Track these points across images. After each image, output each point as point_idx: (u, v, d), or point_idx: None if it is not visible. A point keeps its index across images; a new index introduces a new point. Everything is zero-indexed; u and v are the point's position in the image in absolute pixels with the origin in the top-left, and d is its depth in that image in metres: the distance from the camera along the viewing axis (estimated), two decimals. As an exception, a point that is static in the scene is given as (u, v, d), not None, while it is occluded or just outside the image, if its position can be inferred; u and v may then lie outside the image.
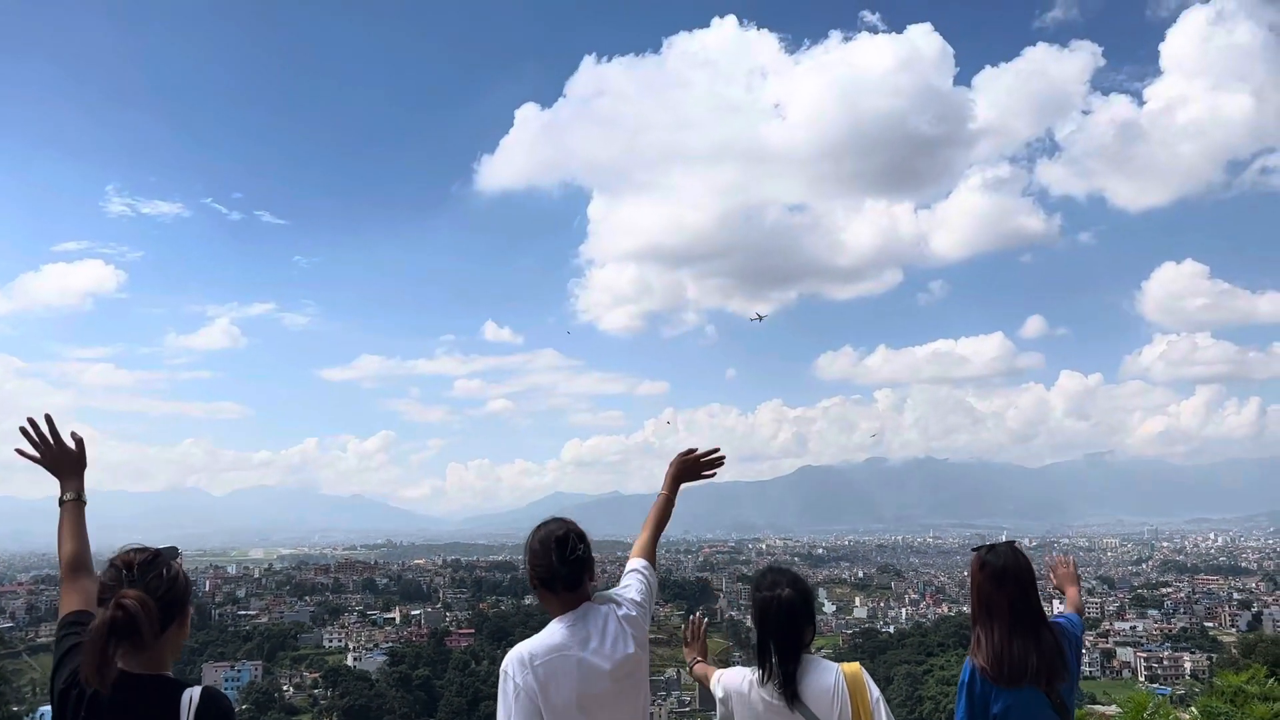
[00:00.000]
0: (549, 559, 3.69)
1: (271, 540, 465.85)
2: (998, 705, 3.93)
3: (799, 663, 3.80)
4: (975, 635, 4.13)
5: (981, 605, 4.14)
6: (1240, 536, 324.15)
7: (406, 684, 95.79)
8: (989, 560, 4.19)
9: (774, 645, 3.85)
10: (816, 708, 3.76)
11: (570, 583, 3.70)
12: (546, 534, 3.75)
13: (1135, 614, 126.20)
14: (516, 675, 3.52)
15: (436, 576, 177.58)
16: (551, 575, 3.68)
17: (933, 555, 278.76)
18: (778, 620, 3.86)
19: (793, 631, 3.84)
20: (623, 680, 3.64)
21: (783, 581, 3.96)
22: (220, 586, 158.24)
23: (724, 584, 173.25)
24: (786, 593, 3.90)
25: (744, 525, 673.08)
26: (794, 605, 3.87)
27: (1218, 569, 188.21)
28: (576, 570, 3.71)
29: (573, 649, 3.58)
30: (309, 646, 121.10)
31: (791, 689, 3.76)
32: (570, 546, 3.70)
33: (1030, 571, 4.21)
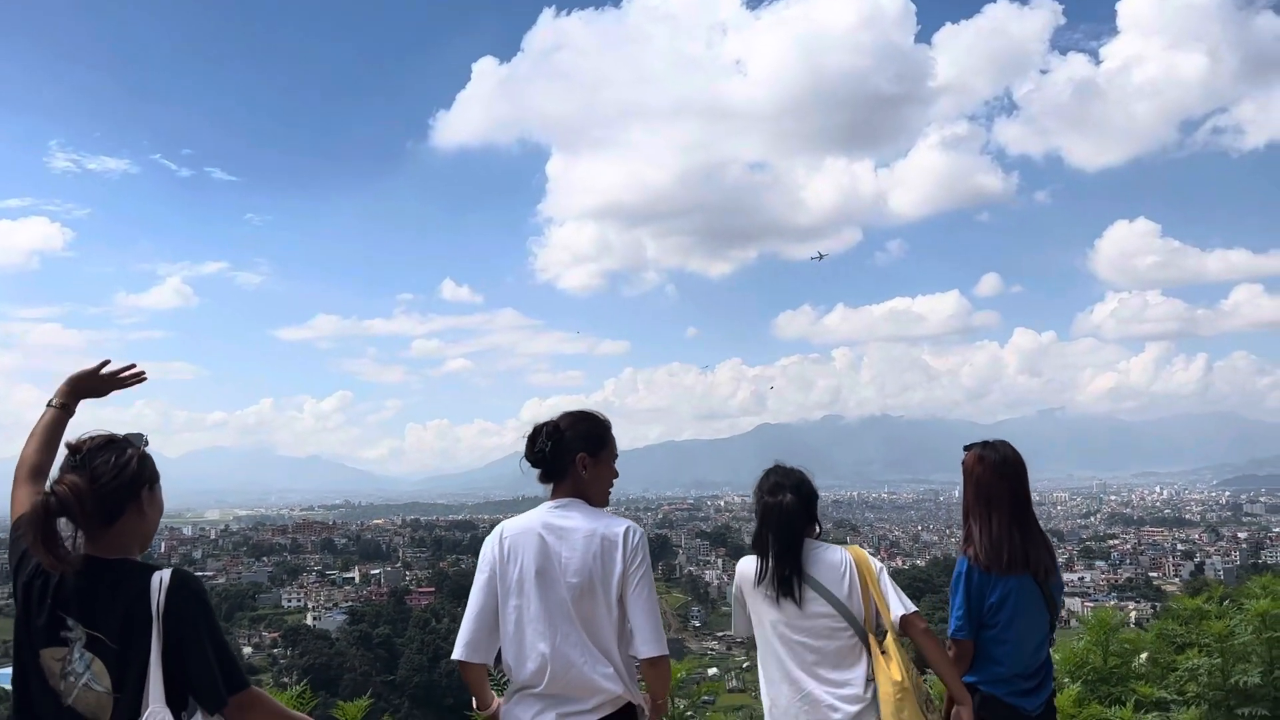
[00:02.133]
0: (529, 450, 3.77)
1: (227, 501, 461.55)
2: (995, 593, 4.04)
3: (796, 568, 3.89)
4: (968, 530, 4.25)
5: (980, 497, 4.24)
6: (1185, 489, 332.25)
7: (367, 642, 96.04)
8: (988, 454, 4.34)
9: (771, 546, 3.95)
10: (831, 586, 3.87)
11: (545, 474, 3.76)
12: (534, 429, 3.81)
13: (1083, 565, 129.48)
14: (486, 547, 3.61)
15: (396, 536, 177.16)
16: (534, 462, 3.79)
17: (887, 510, 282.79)
18: (778, 526, 3.95)
19: (793, 538, 3.93)
20: (584, 590, 3.54)
21: (786, 486, 4.03)
22: (176, 548, 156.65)
23: (683, 540, 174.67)
24: (788, 499, 3.97)
25: (703, 483, 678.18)
26: (795, 513, 3.96)
27: (1163, 521, 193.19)
28: (545, 464, 3.74)
29: (536, 528, 3.57)
30: (267, 606, 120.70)
31: (789, 588, 3.88)
32: (537, 443, 3.76)
33: (1024, 465, 4.38)
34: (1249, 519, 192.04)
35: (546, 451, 3.69)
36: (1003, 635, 4.09)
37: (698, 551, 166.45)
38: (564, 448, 3.71)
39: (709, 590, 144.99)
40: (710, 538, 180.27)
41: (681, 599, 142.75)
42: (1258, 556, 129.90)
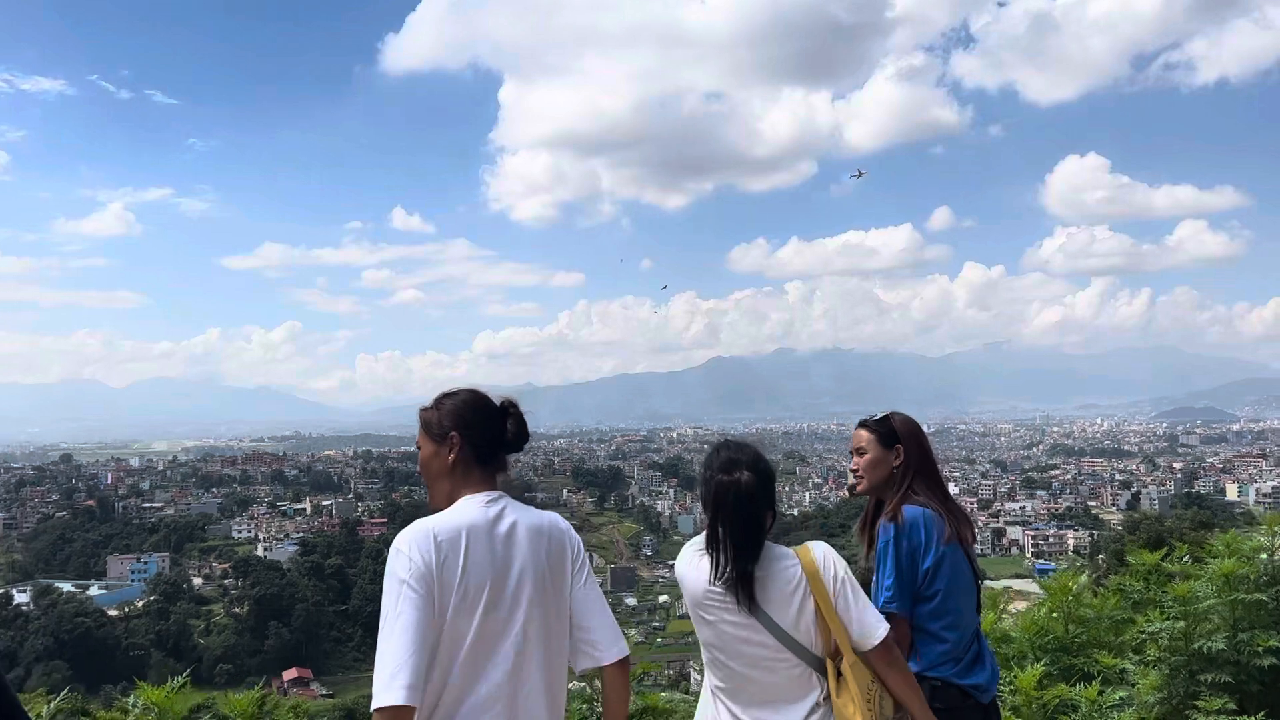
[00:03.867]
0: (501, 426, 3.09)
1: (175, 433, 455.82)
2: (928, 558, 3.71)
3: (758, 561, 3.20)
4: (900, 494, 3.89)
5: (924, 462, 3.97)
6: (1125, 421, 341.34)
7: (319, 573, 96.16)
8: (912, 420, 4.09)
9: (729, 537, 3.20)
10: (776, 612, 3.17)
11: (503, 461, 3.10)
12: (500, 402, 3.15)
13: (1025, 495, 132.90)
14: (412, 552, 2.75)
15: (347, 468, 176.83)
16: (494, 445, 3.05)
17: (836, 441, 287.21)
18: (735, 510, 3.22)
19: (753, 524, 3.22)
20: (543, 601, 2.92)
21: (742, 462, 3.32)
22: (123, 479, 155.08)
23: (635, 471, 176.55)
24: (746, 477, 3.26)
25: (656, 415, 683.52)
26: (754, 492, 3.24)
27: (1102, 452, 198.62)
28: (519, 442, 3.11)
29: (483, 526, 2.87)
30: (217, 538, 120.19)
31: (748, 590, 3.16)
32: (521, 422, 3.13)
33: None
34: (1184, 450, 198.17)
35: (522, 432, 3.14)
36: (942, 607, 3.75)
37: (650, 482, 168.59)
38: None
39: (661, 520, 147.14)
40: (662, 469, 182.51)
41: (634, 528, 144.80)
42: (1191, 486, 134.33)
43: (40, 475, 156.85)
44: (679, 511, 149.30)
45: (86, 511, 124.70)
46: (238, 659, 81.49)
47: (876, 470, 4.01)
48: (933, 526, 3.72)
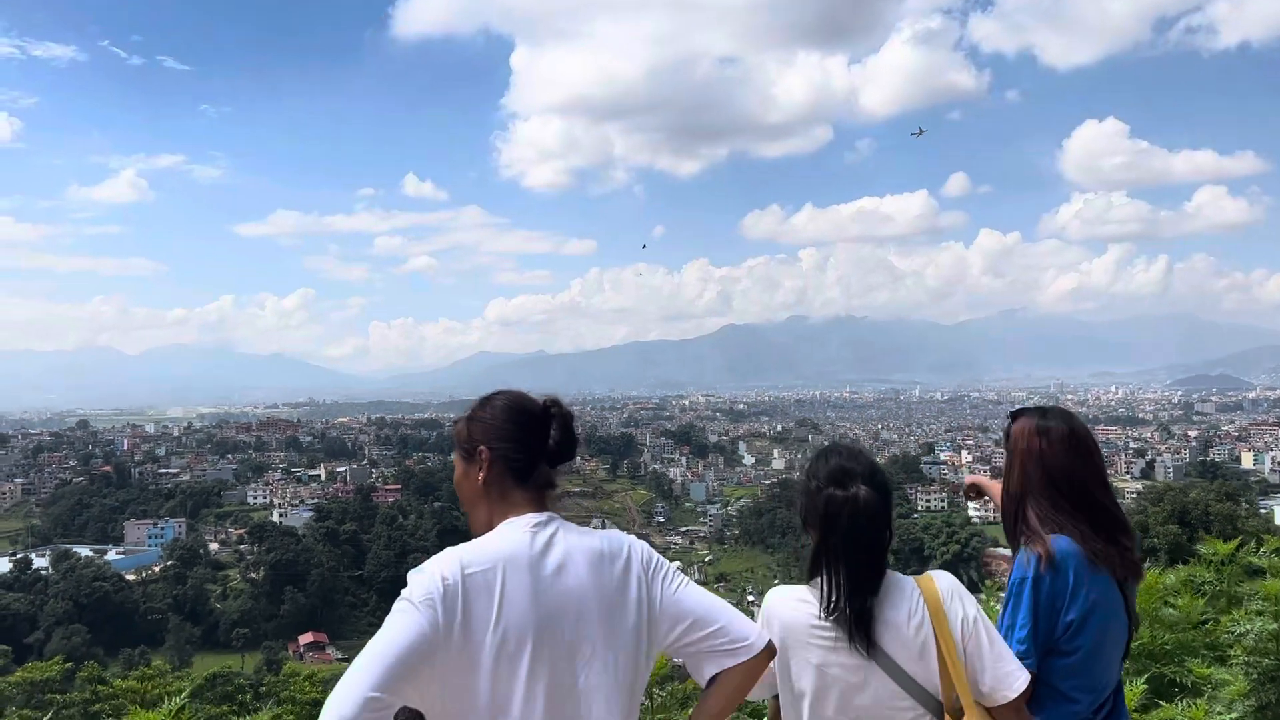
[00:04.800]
0: (543, 436, 2.51)
1: (190, 399, 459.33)
2: (1075, 608, 2.92)
3: (878, 593, 2.65)
4: (1027, 518, 3.08)
5: (1047, 479, 3.08)
6: (1139, 389, 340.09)
7: (334, 538, 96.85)
8: (1054, 424, 3.19)
9: (844, 565, 2.64)
10: (898, 653, 2.63)
11: (551, 478, 2.53)
12: (542, 404, 2.56)
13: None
14: (431, 583, 2.23)
15: (361, 434, 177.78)
16: (532, 459, 2.49)
17: (849, 409, 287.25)
18: (852, 532, 2.65)
19: (875, 549, 2.67)
20: (615, 644, 2.36)
21: (857, 474, 2.72)
22: (139, 445, 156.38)
23: (648, 439, 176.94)
24: (864, 492, 2.67)
25: (668, 383, 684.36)
26: (874, 511, 2.67)
27: (1116, 420, 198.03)
28: (566, 452, 2.54)
29: (524, 558, 2.34)
30: (233, 504, 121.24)
31: (867, 628, 2.61)
32: (567, 430, 2.54)
33: (1095, 439, 3.28)
34: (1199, 418, 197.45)
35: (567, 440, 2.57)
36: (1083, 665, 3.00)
37: (662, 449, 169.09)
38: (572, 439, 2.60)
39: (673, 487, 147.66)
40: (675, 436, 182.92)
41: (646, 496, 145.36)
42: (1207, 454, 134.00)
43: (58, 441, 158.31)
44: (691, 479, 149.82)
45: (104, 477, 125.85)
46: (254, 623, 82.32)
47: (1004, 479, 3.26)
48: (1084, 569, 2.95)
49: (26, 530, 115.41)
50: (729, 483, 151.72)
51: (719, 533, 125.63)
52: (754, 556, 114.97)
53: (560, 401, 2.58)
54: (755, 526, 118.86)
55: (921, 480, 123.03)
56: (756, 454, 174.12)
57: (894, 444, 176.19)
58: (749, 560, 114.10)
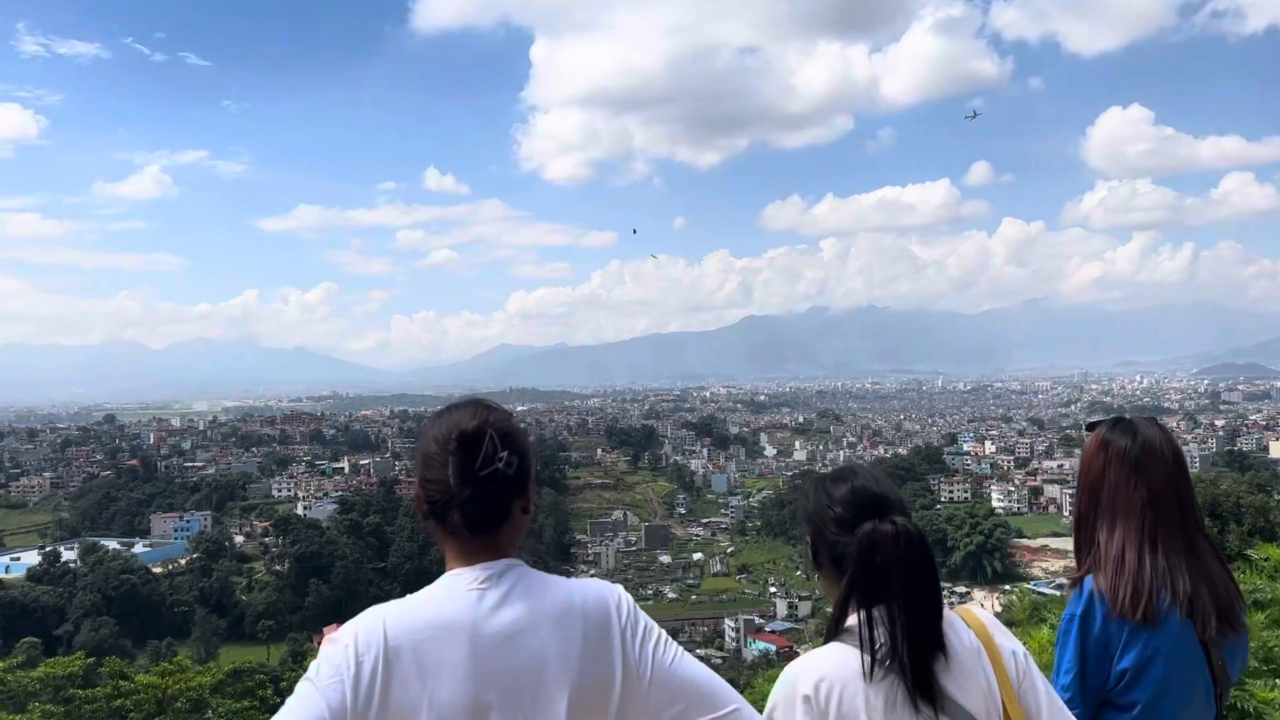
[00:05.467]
0: (444, 471, 1.98)
1: (214, 393, 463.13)
2: (1130, 655, 2.46)
3: (941, 650, 2.15)
4: (1092, 544, 2.64)
5: (1108, 501, 2.62)
6: (1165, 378, 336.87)
7: (357, 531, 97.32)
8: (1116, 438, 2.66)
9: (898, 618, 2.12)
10: (969, 701, 2.16)
11: (478, 517, 1.97)
12: (448, 427, 2.04)
13: (1063, 453, 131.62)
14: (344, 656, 1.84)
15: (384, 427, 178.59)
16: (445, 499, 1.98)
17: (871, 400, 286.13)
18: (902, 575, 2.14)
19: (931, 595, 2.17)
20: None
21: (891, 501, 2.24)
22: (165, 439, 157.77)
23: (669, 431, 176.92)
24: (900, 524, 2.18)
25: (689, 374, 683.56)
26: (921, 546, 2.18)
27: (1142, 409, 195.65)
28: (492, 496, 1.97)
29: (463, 625, 1.89)
30: (258, 497, 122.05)
31: (930, 687, 2.12)
32: (484, 451, 1.97)
33: (1182, 455, 2.71)
34: (1227, 407, 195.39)
35: (510, 474, 1.99)
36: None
37: (683, 442, 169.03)
38: (522, 474, 2.04)
39: (694, 479, 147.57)
40: (696, 428, 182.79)
41: (668, 487, 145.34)
42: (1234, 444, 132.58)
43: (85, 435, 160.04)
44: (712, 470, 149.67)
45: (130, 471, 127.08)
46: (279, 615, 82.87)
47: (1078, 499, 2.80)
48: (1140, 609, 2.46)
49: (55, 524, 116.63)
50: (750, 474, 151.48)
51: (741, 524, 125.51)
52: (776, 548, 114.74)
53: (500, 415, 2.07)
54: (777, 518, 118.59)
55: (944, 471, 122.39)
56: (778, 445, 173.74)
57: (917, 434, 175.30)
58: (771, 552, 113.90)
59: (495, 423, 2.00)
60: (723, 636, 78.52)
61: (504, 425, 2.01)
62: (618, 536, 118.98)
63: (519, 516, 2.02)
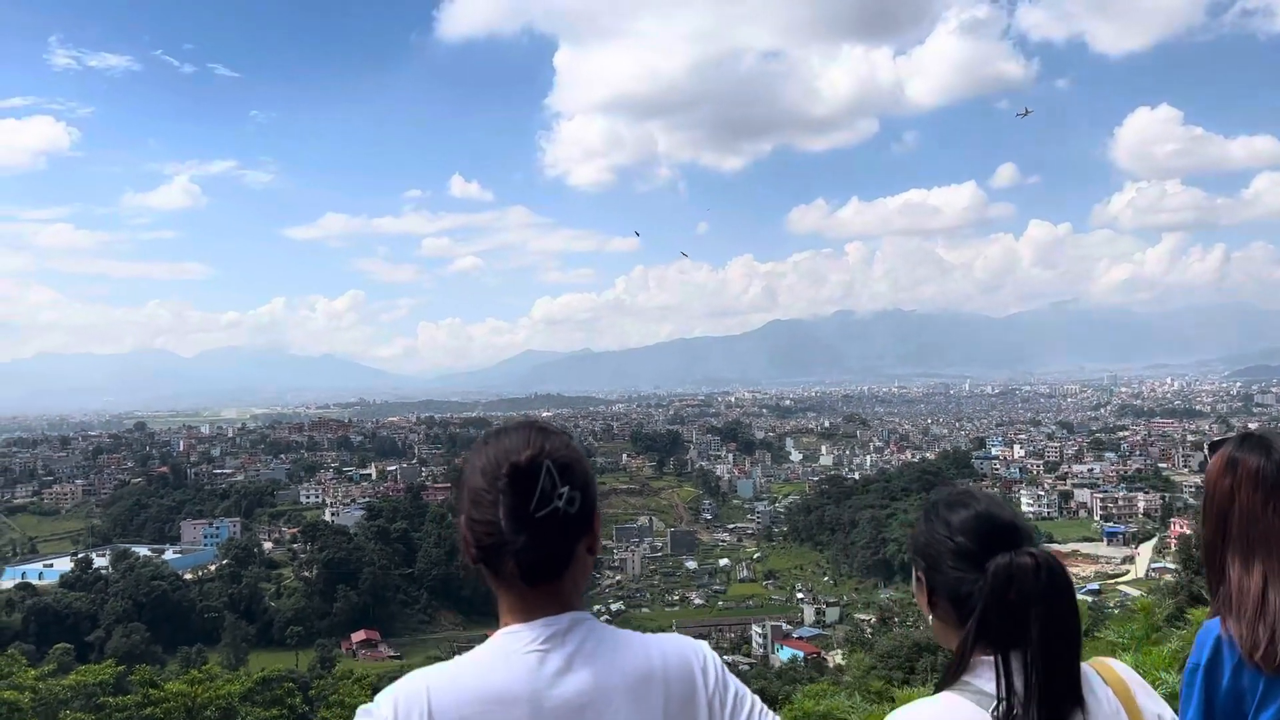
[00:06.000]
0: (494, 511, 1.69)
1: (243, 400, 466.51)
2: (1268, 712, 2.06)
3: (1080, 707, 1.83)
4: (1222, 579, 2.22)
5: (1240, 530, 2.19)
6: (1196, 381, 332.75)
7: (385, 537, 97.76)
8: (1246, 456, 2.23)
9: (1032, 668, 1.78)
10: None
11: (536, 565, 1.66)
12: (497, 457, 1.75)
13: (1093, 457, 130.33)
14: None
15: (411, 434, 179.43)
16: (496, 543, 1.67)
17: (898, 404, 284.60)
18: (1041, 617, 1.80)
19: (1072, 642, 1.82)
20: None
21: (1019, 530, 1.92)
22: (195, 446, 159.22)
23: (694, 436, 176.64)
24: (1040, 557, 1.85)
25: (714, 379, 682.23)
26: (1063, 583, 1.85)
27: (1173, 413, 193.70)
28: (551, 539, 1.67)
29: (521, 697, 1.60)
30: (286, 503, 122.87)
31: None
32: (541, 488, 1.67)
33: None
34: (1260, 409, 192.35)
35: (573, 513, 1.69)
36: None
37: (709, 447, 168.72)
38: (586, 511, 1.73)
39: (720, 484, 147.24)
40: (721, 433, 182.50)
41: (693, 492, 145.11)
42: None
43: (116, 443, 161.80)
44: (738, 476, 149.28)
45: (160, 478, 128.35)
46: (307, 621, 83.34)
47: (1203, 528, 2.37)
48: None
49: (87, 530, 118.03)
50: (776, 479, 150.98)
51: (767, 529, 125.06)
52: (803, 553, 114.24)
53: (552, 448, 1.74)
54: (804, 523, 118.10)
55: (973, 475, 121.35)
56: (804, 450, 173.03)
57: (944, 439, 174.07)
58: (798, 557, 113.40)
59: (552, 452, 1.70)
60: (750, 642, 78.17)
61: (563, 454, 1.71)
62: (643, 542, 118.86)
63: (584, 559, 1.72)
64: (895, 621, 33.38)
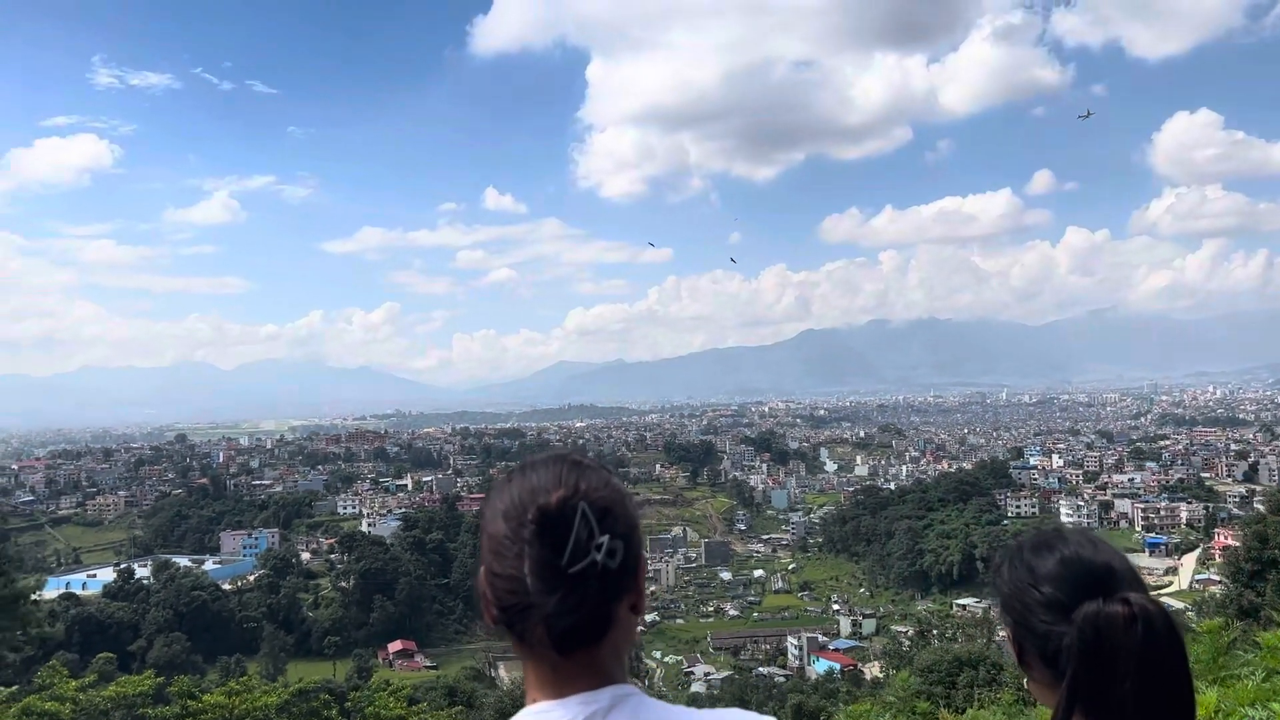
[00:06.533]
0: (518, 564, 1.45)
1: (281, 412, 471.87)
2: None
3: None
4: None
5: None
6: (1239, 389, 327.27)
7: (421, 547, 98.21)
8: None
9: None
10: None
11: (570, 631, 1.39)
12: (522, 498, 1.54)
13: (1133, 466, 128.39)
14: None
15: (446, 444, 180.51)
16: (521, 604, 1.42)
17: (933, 414, 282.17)
18: (1142, 675, 1.55)
19: (1181, 706, 1.57)
20: None
21: (1119, 574, 1.71)
22: (234, 458, 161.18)
23: (728, 446, 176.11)
24: (1136, 604, 1.61)
25: (747, 389, 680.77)
26: (1167, 634, 1.58)
27: (1216, 421, 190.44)
28: (588, 600, 1.40)
29: None
30: (324, 514, 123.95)
31: None
32: (575, 536, 1.41)
33: None
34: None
35: (614, 567, 1.42)
36: None
37: (742, 457, 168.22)
38: (629, 564, 1.45)
39: (754, 494, 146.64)
40: (755, 443, 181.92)
41: (727, 503, 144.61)
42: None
43: (158, 455, 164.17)
44: (772, 486, 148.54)
45: (200, 489, 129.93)
46: (345, 631, 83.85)
47: None
48: None
49: (129, 541, 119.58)
50: (811, 489, 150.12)
51: (802, 540, 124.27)
52: (838, 564, 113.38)
53: (589, 487, 1.46)
54: (839, 534, 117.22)
55: (1011, 486, 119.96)
56: (839, 460, 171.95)
57: (981, 448, 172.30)
58: (833, 568, 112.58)
59: (589, 492, 1.42)
60: (785, 654, 77.63)
61: (601, 495, 1.42)
62: (677, 553, 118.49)
63: (627, 621, 1.42)
64: (933, 634, 33.02)
